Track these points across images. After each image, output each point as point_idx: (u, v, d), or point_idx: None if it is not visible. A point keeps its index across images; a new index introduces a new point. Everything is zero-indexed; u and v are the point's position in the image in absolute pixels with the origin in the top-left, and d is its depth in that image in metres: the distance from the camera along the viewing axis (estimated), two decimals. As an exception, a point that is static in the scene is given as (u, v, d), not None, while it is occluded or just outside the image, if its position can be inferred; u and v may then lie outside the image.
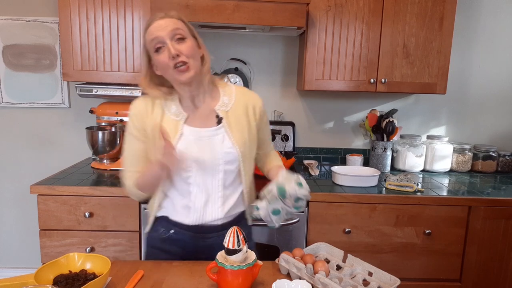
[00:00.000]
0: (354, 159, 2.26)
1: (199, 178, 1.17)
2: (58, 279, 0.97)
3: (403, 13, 1.97)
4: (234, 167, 1.19)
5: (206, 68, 1.18)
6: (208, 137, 1.17)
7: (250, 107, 1.24)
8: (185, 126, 1.17)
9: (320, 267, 1.03)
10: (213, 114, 1.19)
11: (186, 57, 1.09)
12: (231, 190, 1.22)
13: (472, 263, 1.86)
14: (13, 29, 2.24)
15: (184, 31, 1.11)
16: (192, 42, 1.12)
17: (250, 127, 1.22)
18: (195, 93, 1.18)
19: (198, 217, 1.19)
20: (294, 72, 2.36)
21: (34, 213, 2.34)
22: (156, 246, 1.25)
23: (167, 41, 1.08)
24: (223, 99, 1.22)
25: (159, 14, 1.12)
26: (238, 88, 1.27)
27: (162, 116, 1.17)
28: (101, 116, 2.10)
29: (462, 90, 2.43)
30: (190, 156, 1.14)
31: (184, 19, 1.15)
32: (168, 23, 1.09)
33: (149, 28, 1.11)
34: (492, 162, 2.32)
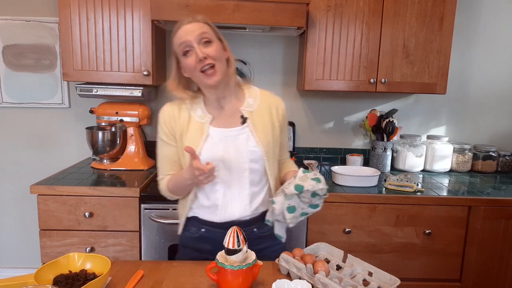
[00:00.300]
0: (354, 159, 2.26)
1: (225, 177, 1.21)
2: (58, 279, 0.97)
3: (403, 13, 1.97)
4: (259, 165, 1.23)
5: (231, 70, 1.23)
6: (233, 137, 1.21)
7: (274, 109, 1.28)
8: (210, 127, 1.22)
9: (320, 267, 1.03)
10: (238, 115, 1.24)
11: (213, 60, 1.14)
12: (258, 188, 1.25)
13: (472, 263, 1.86)
14: (13, 29, 2.24)
15: (210, 35, 1.16)
16: (218, 45, 1.17)
17: (274, 128, 1.26)
18: (221, 95, 1.23)
19: (226, 215, 1.23)
20: (294, 72, 2.37)
21: (34, 213, 2.34)
22: (188, 246, 1.29)
23: (194, 45, 1.13)
24: (248, 100, 1.27)
25: (186, 19, 1.17)
26: (262, 90, 1.32)
27: (188, 119, 1.23)
28: (101, 116, 2.10)
29: (462, 90, 2.43)
30: (216, 156, 1.18)
31: (210, 22, 1.19)
32: (195, 28, 1.14)
33: (177, 33, 1.17)
34: (492, 162, 2.32)
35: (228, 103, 1.25)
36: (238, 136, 1.21)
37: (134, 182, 1.85)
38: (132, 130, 2.13)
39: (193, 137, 1.20)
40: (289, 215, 1.09)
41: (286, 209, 1.09)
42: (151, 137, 2.41)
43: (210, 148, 1.19)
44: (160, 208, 1.76)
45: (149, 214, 1.75)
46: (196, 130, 1.21)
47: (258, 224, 1.26)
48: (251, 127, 1.22)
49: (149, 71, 1.96)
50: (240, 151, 1.20)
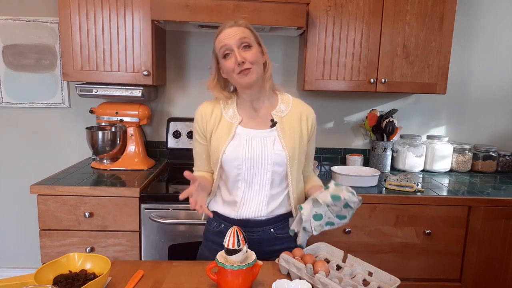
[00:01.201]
0: (354, 159, 2.26)
1: (248, 175, 1.24)
2: (58, 279, 0.97)
3: (403, 13, 1.97)
4: (281, 169, 1.25)
5: (268, 74, 1.26)
6: (260, 138, 1.25)
7: (304, 117, 1.31)
8: (239, 127, 1.26)
9: (320, 267, 1.03)
10: (268, 118, 1.28)
11: (250, 64, 1.18)
12: (277, 191, 1.28)
13: (472, 263, 1.86)
14: (13, 29, 2.24)
15: (250, 39, 1.20)
16: (256, 50, 1.21)
17: (302, 136, 1.29)
18: (256, 97, 1.27)
19: (243, 212, 1.26)
20: (294, 72, 2.36)
21: (34, 213, 2.33)
22: (210, 239, 1.34)
23: (234, 49, 1.17)
24: (280, 106, 1.30)
25: (228, 23, 1.21)
26: (295, 99, 1.36)
27: (219, 119, 1.28)
28: (101, 116, 2.10)
29: (462, 90, 2.43)
30: (240, 154, 1.22)
31: (251, 27, 1.23)
32: (236, 32, 1.18)
33: (219, 36, 1.21)
34: (492, 162, 2.32)
35: (261, 106, 1.29)
36: (265, 138, 1.25)
37: (134, 182, 1.85)
38: (132, 130, 2.13)
39: (221, 136, 1.25)
40: (315, 223, 1.10)
41: (313, 216, 1.10)
42: (151, 137, 2.41)
43: (235, 147, 1.23)
44: (160, 208, 1.76)
45: (149, 214, 1.75)
46: (224, 129, 1.26)
47: (275, 225, 1.29)
48: (279, 131, 1.25)
49: (149, 71, 1.96)
50: (265, 152, 1.23)
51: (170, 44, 2.31)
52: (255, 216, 1.25)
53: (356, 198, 1.09)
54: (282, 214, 1.30)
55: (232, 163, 1.23)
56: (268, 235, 1.27)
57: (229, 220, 1.28)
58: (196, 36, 2.31)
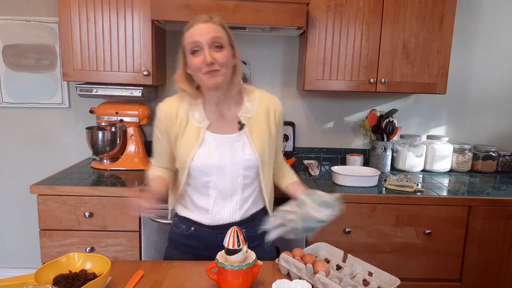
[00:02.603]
0: (354, 159, 2.26)
1: (218, 182, 1.20)
2: (58, 279, 0.97)
3: (403, 13, 1.97)
4: (252, 172, 1.22)
5: (236, 79, 1.20)
6: (229, 143, 1.20)
7: (271, 112, 1.26)
8: (207, 132, 1.20)
9: (320, 267, 1.03)
10: (236, 121, 1.22)
11: (220, 66, 1.12)
12: (249, 193, 1.25)
13: (472, 263, 1.86)
14: (13, 29, 2.24)
15: (223, 40, 1.13)
16: (228, 52, 1.14)
17: (270, 133, 1.25)
18: (222, 100, 1.21)
19: (216, 219, 1.23)
20: (294, 72, 2.36)
21: (34, 213, 2.33)
22: (178, 241, 1.31)
23: (205, 47, 1.10)
24: (246, 106, 1.24)
25: (203, 17, 1.14)
26: (262, 93, 1.29)
27: (186, 122, 1.21)
28: (101, 116, 2.10)
29: (462, 90, 2.43)
30: (210, 162, 1.18)
31: (226, 26, 1.16)
32: (210, 29, 1.11)
33: (191, 29, 1.14)
34: (492, 162, 2.32)
35: (228, 109, 1.23)
36: (234, 142, 1.20)
37: (134, 182, 1.85)
38: (132, 130, 2.13)
39: (188, 142, 1.19)
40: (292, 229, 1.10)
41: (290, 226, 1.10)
42: (151, 137, 2.40)
43: (205, 154, 1.18)
44: (160, 208, 1.75)
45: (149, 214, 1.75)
46: (192, 134, 1.20)
47: (247, 224, 1.26)
48: (247, 134, 1.20)
49: (149, 71, 1.96)
50: (235, 158, 1.19)
51: (170, 44, 2.31)
52: (229, 221, 1.23)
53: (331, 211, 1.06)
54: (255, 213, 1.28)
55: (202, 170, 1.18)
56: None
57: (200, 225, 1.25)
58: (196, 36, 2.31)
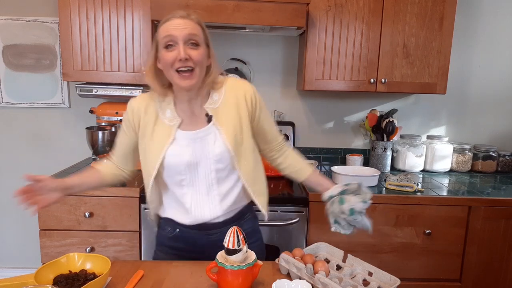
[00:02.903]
0: (354, 159, 2.26)
1: (192, 180, 1.17)
2: (58, 279, 0.97)
3: (403, 13, 1.97)
4: (225, 164, 1.17)
5: (210, 79, 1.16)
6: (201, 138, 1.16)
7: (241, 98, 1.19)
8: (178, 130, 1.16)
9: (320, 267, 1.03)
10: (203, 113, 1.18)
11: (194, 64, 1.08)
12: (228, 186, 1.20)
13: (472, 263, 1.86)
14: (13, 29, 2.24)
15: (199, 38, 1.10)
16: (203, 50, 1.11)
17: (241, 119, 1.18)
18: (194, 97, 1.17)
19: (197, 217, 1.19)
20: (294, 72, 2.36)
21: (34, 213, 2.34)
22: (165, 244, 1.28)
23: (179, 43, 1.07)
24: (212, 96, 1.19)
25: (180, 12, 1.10)
26: (229, 80, 1.23)
27: (155, 120, 1.17)
28: (101, 116, 2.10)
29: (462, 90, 2.43)
30: (182, 161, 1.14)
31: (203, 25, 1.13)
32: (187, 25, 1.07)
33: (166, 23, 1.09)
34: (492, 162, 2.32)
35: (199, 106, 1.18)
36: (205, 137, 1.16)
37: (134, 182, 1.85)
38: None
39: (159, 141, 1.15)
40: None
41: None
42: (151, 137, 2.41)
43: (176, 153, 1.14)
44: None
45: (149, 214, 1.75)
46: (162, 133, 1.16)
47: (237, 222, 1.22)
48: (216, 125, 1.15)
49: (149, 71, 1.96)
50: (207, 153, 1.15)
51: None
52: (212, 219, 1.19)
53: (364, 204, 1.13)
54: (242, 210, 1.25)
55: (175, 169, 1.15)
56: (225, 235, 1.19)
57: (184, 226, 1.22)
58: (196, 36, 2.31)
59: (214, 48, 1.19)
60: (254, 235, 1.30)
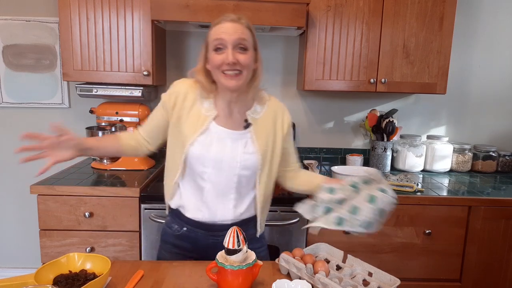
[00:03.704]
0: (354, 159, 2.26)
1: (213, 176, 1.18)
2: (58, 279, 0.97)
3: (403, 13, 1.97)
4: (249, 173, 1.20)
5: (256, 83, 1.20)
6: (232, 139, 1.19)
7: (279, 118, 1.26)
8: (213, 122, 1.19)
9: (320, 267, 1.03)
10: (242, 119, 1.22)
11: (241, 67, 1.11)
12: (244, 194, 1.24)
13: (472, 263, 1.86)
14: (13, 29, 2.24)
15: (248, 43, 1.13)
16: (251, 54, 1.14)
17: (276, 138, 1.24)
18: (234, 100, 1.20)
19: (209, 215, 1.21)
20: (294, 72, 2.36)
21: (34, 213, 2.33)
22: (169, 242, 1.29)
23: (228, 46, 1.10)
24: (255, 107, 1.24)
25: (231, 15, 1.13)
26: (273, 98, 1.30)
27: (192, 106, 1.20)
28: (101, 116, 2.10)
29: (462, 90, 2.43)
30: (209, 153, 1.16)
31: (252, 29, 1.16)
32: (237, 30, 1.11)
33: (217, 26, 1.13)
34: (492, 162, 2.32)
35: (238, 110, 1.22)
36: (237, 140, 1.19)
37: (134, 182, 1.85)
38: (132, 130, 2.12)
39: (192, 125, 1.17)
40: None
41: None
42: (151, 137, 2.41)
43: (205, 144, 1.16)
44: (160, 208, 1.76)
45: (149, 214, 1.75)
46: (197, 119, 1.18)
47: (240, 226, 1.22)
48: (252, 133, 1.20)
49: (149, 71, 1.96)
50: (235, 155, 1.17)
51: (170, 44, 2.31)
52: (222, 220, 1.22)
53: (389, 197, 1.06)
54: (248, 218, 1.27)
55: (199, 159, 1.16)
56: None
57: (193, 224, 1.23)
58: (196, 36, 2.31)
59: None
60: (259, 240, 1.32)
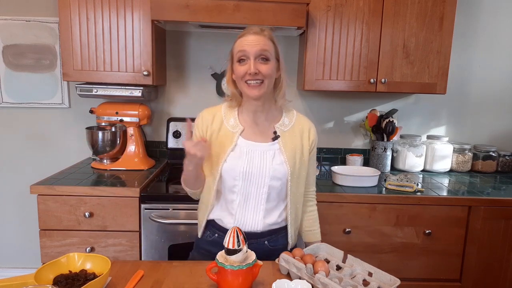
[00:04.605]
0: (354, 159, 2.26)
1: (244, 188, 1.22)
2: (58, 279, 0.97)
3: (403, 13, 1.97)
4: (279, 183, 1.23)
5: (280, 92, 1.26)
6: (260, 152, 1.23)
7: (306, 132, 1.31)
8: (240, 137, 1.25)
9: (320, 267, 1.03)
10: (270, 131, 1.27)
11: (263, 77, 1.17)
12: (274, 205, 1.26)
13: (472, 263, 1.86)
14: (13, 29, 2.24)
15: (270, 53, 1.18)
16: (273, 65, 1.20)
17: (303, 151, 1.28)
18: (260, 109, 1.26)
19: (238, 225, 1.24)
20: (294, 72, 2.36)
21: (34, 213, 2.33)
22: (202, 247, 1.33)
23: (251, 58, 1.16)
24: (284, 120, 1.30)
25: (254, 28, 1.19)
26: (299, 114, 1.36)
27: (220, 126, 1.27)
28: (101, 116, 2.10)
29: (462, 90, 2.42)
30: (239, 166, 1.20)
31: (274, 39, 1.22)
32: (259, 42, 1.16)
33: (241, 39, 1.19)
34: (492, 162, 2.32)
35: (264, 119, 1.27)
36: (265, 152, 1.23)
37: (134, 182, 1.85)
38: (132, 130, 2.13)
39: (222, 145, 1.24)
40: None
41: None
42: (151, 137, 2.41)
43: (236, 158, 1.22)
44: (160, 208, 1.76)
45: (149, 214, 1.75)
46: (225, 138, 1.24)
47: (269, 237, 1.28)
48: (281, 145, 1.24)
49: (149, 71, 1.96)
50: (263, 167, 1.21)
51: (170, 44, 2.31)
52: (251, 230, 1.24)
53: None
54: (278, 228, 1.29)
55: (230, 173, 1.22)
56: (262, 247, 1.25)
57: (224, 231, 1.25)
58: (196, 36, 2.31)
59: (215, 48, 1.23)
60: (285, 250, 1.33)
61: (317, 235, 1.39)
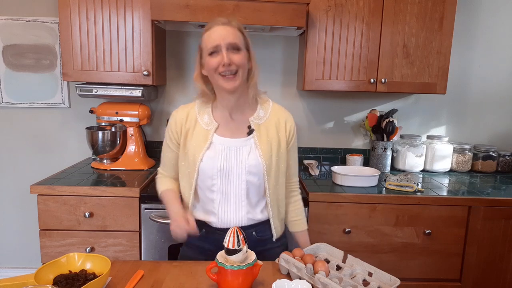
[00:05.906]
0: (354, 159, 2.26)
1: (223, 186, 1.21)
2: (58, 279, 0.97)
3: (403, 13, 1.97)
4: (256, 178, 1.22)
5: (253, 81, 1.24)
6: (236, 147, 1.21)
7: (282, 123, 1.28)
8: (215, 135, 1.23)
9: (320, 267, 1.03)
10: (245, 125, 1.25)
11: (237, 66, 1.15)
12: (256, 200, 1.26)
13: (472, 263, 1.86)
14: (13, 29, 2.24)
15: (240, 43, 1.17)
16: (244, 54, 1.18)
17: (280, 142, 1.26)
18: (235, 103, 1.23)
19: (223, 223, 1.24)
20: (294, 72, 2.36)
21: (34, 213, 2.33)
22: (193, 243, 1.31)
23: (223, 49, 1.14)
24: (259, 112, 1.27)
25: (222, 19, 1.17)
26: (275, 104, 1.32)
27: (194, 125, 1.25)
28: (101, 116, 2.10)
29: (462, 90, 2.43)
30: (216, 165, 1.19)
31: (243, 30, 1.20)
32: (229, 33, 1.15)
33: (209, 31, 1.17)
34: (492, 162, 2.32)
35: (240, 114, 1.25)
36: (241, 147, 1.22)
37: (134, 182, 1.85)
38: (132, 130, 2.13)
39: (197, 144, 1.22)
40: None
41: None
42: (151, 137, 2.41)
43: (211, 157, 1.20)
44: (160, 208, 1.76)
45: (149, 214, 1.75)
46: (200, 136, 1.23)
47: (256, 228, 1.27)
48: (255, 139, 1.22)
49: (149, 71, 1.96)
50: (240, 163, 1.20)
51: (170, 44, 2.31)
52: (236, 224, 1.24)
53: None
54: (264, 221, 1.29)
55: (207, 173, 1.21)
56: (249, 237, 1.25)
57: (210, 228, 1.27)
58: (196, 36, 2.31)
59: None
60: (279, 239, 1.34)
61: (302, 225, 1.37)
